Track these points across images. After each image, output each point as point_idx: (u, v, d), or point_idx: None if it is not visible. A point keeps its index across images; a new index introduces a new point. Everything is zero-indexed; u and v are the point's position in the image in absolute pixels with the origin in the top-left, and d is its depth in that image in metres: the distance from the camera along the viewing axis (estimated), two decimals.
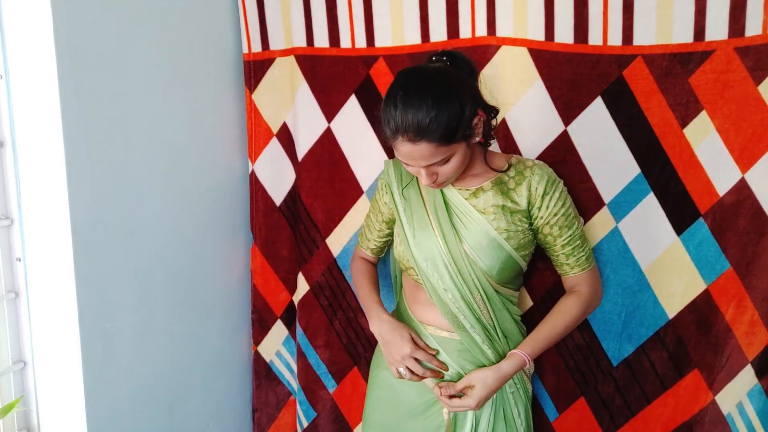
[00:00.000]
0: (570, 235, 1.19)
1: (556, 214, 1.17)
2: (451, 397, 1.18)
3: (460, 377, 1.21)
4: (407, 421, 1.29)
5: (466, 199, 1.19)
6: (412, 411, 1.28)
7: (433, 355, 1.23)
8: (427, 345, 1.25)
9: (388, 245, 1.44)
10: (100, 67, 1.16)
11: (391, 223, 1.35)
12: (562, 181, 1.20)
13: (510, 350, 1.21)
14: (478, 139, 1.12)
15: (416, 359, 1.20)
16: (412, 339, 1.22)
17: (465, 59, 1.14)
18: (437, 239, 1.20)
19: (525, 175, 1.17)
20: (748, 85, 1.20)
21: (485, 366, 1.20)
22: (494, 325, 1.23)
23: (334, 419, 1.71)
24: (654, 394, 1.39)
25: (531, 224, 1.19)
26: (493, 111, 1.17)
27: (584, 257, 1.22)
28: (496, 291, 1.22)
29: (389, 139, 1.07)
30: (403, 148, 1.05)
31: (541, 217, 1.17)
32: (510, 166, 1.20)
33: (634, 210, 1.32)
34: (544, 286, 1.40)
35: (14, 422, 1.21)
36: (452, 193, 1.20)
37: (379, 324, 1.26)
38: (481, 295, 1.20)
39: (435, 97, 1.01)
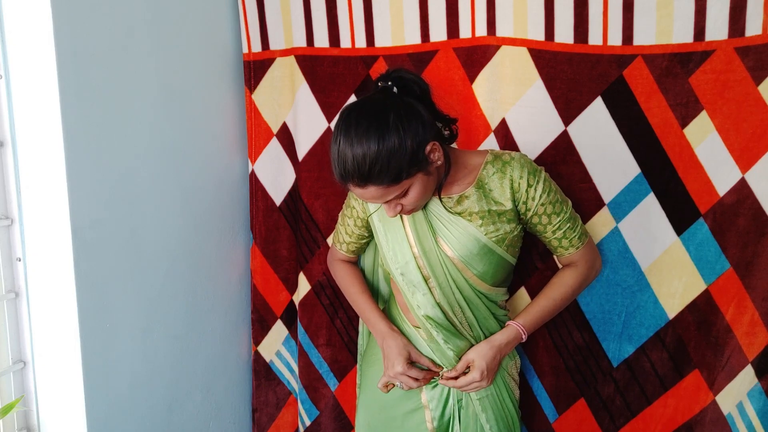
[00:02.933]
0: (560, 220, 1.18)
1: (543, 204, 1.16)
2: (455, 378, 1.18)
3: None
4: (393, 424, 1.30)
5: (450, 208, 1.17)
6: (398, 415, 1.29)
7: (428, 368, 1.23)
8: (420, 354, 1.24)
9: (366, 246, 1.42)
10: (100, 67, 1.16)
11: (368, 228, 1.32)
12: (543, 168, 1.19)
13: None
14: (438, 163, 1.08)
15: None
16: (408, 355, 1.21)
17: (413, 79, 1.10)
18: (413, 254, 1.19)
19: (505, 172, 1.15)
20: (748, 85, 1.20)
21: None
22: (473, 337, 1.23)
23: (336, 417, 1.72)
24: (654, 395, 1.39)
25: (520, 219, 1.19)
26: (452, 122, 1.16)
27: (576, 237, 1.21)
28: (483, 298, 1.22)
29: (340, 183, 1.06)
30: (355, 191, 1.05)
31: (530, 209, 1.16)
32: (487, 163, 1.17)
33: (634, 210, 1.32)
34: (544, 286, 1.40)
35: (14, 422, 1.21)
36: (434, 203, 1.18)
37: (381, 339, 1.26)
38: (461, 308, 1.20)
39: (374, 139, 0.99)
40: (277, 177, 1.68)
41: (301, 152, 1.60)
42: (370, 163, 0.99)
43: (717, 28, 1.20)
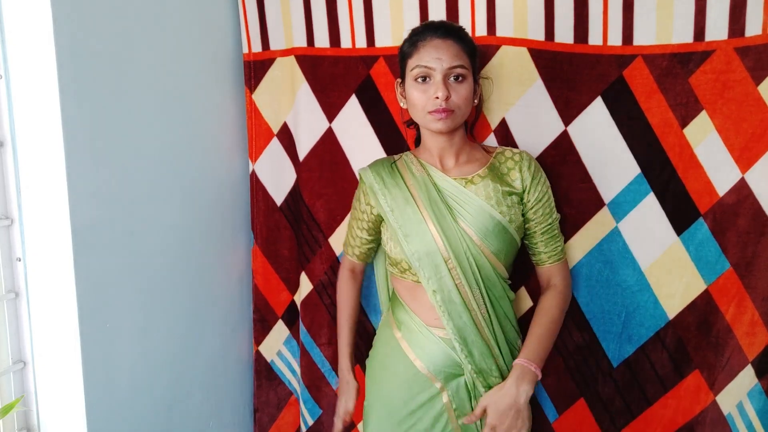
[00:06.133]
0: (549, 224, 1.26)
1: (540, 200, 1.24)
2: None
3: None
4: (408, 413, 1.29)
5: (464, 186, 1.22)
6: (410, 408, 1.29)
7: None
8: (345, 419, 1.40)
9: (374, 252, 1.46)
10: (100, 67, 1.16)
11: (372, 230, 1.36)
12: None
13: (507, 339, 1.25)
14: (476, 100, 1.22)
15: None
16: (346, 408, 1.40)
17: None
18: (432, 235, 1.21)
19: (516, 160, 1.24)
20: (748, 85, 1.20)
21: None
22: (489, 320, 1.23)
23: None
24: (655, 395, 1.38)
25: (523, 207, 1.24)
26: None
27: (560, 248, 1.29)
28: (499, 276, 1.24)
29: (413, 46, 1.17)
30: (431, 44, 1.15)
31: (530, 200, 1.24)
32: (498, 153, 1.27)
33: (634, 210, 1.32)
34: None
35: (14, 422, 1.21)
36: (449, 183, 1.23)
37: (342, 374, 1.43)
38: (479, 288, 1.21)
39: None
40: (278, 177, 1.68)
41: (302, 152, 1.60)
42: (459, 27, 1.20)
43: (717, 28, 1.20)
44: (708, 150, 1.25)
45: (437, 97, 1.14)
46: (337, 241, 1.61)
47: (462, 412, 1.24)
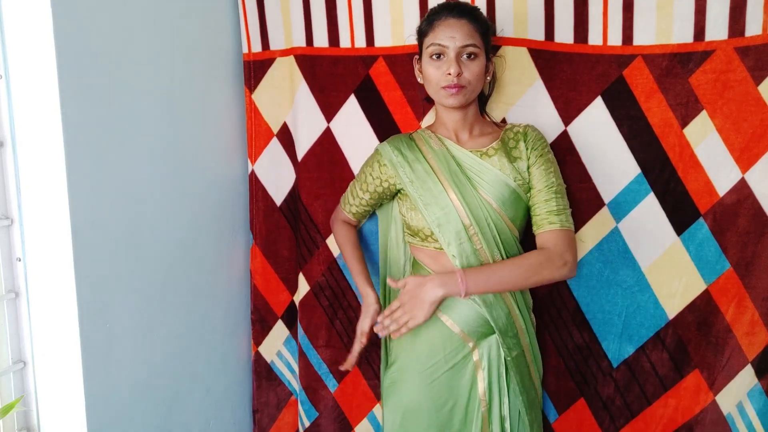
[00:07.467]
0: (547, 186, 1.24)
1: (535, 163, 1.26)
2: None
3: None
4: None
5: (480, 158, 1.27)
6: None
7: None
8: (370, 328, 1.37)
9: (368, 215, 1.48)
10: (100, 67, 1.16)
11: (374, 197, 1.39)
12: (549, 146, 1.30)
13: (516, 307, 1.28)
14: (489, 77, 1.28)
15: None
16: (378, 309, 1.39)
17: None
18: (453, 204, 1.25)
19: (520, 132, 1.29)
20: (748, 85, 1.20)
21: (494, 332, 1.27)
22: None
23: (335, 418, 1.71)
24: (654, 395, 1.39)
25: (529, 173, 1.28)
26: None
27: (555, 214, 1.22)
28: (516, 241, 1.29)
29: (429, 25, 1.23)
30: (446, 23, 1.21)
31: (529, 164, 1.26)
32: (507, 129, 1.31)
33: (634, 210, 1.32)
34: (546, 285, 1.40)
35: (14, 422, 1.21)
36: (467, 156, 1.28)
37: (361, 289, 1.42)
38: (500, 252, 1.26)
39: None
40: (278, 177, 1.68)
41: (301, 152, 1.60)
42: (475, 8, 1.25)
43: (717, 28, 1.20)
44: (708, 150, 1.25)
45: (449, 74, 1.20)
46: (334, 242, 1.61)
47: (493, 371, 1.27)
